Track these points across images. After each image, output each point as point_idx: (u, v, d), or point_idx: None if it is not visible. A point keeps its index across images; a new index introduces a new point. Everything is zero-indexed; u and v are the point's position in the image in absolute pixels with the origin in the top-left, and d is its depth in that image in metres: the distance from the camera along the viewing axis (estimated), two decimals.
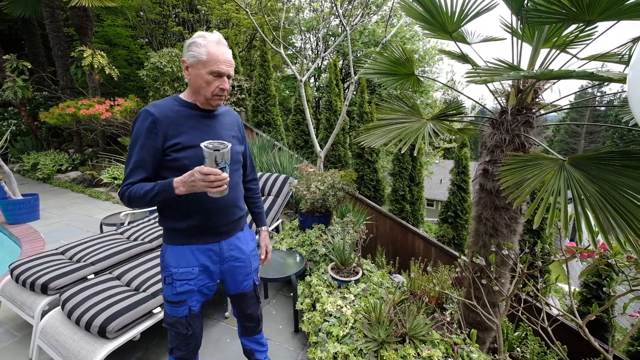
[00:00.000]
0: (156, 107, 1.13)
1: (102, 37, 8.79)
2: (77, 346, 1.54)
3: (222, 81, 1.14)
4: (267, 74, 6.52)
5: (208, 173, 0.99)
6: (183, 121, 1.15)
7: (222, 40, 1.15)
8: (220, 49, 1.12)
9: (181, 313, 1.21)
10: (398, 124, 2.16)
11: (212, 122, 1.21)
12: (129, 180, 1.10)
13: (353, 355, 1.50)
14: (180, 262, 1.19)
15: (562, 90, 1.76)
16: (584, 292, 4.04)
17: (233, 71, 1.17)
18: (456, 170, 6.45)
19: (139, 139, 1.10)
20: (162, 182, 1.07)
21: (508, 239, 1.91)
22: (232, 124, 1.31)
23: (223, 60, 1.12)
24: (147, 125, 1.10)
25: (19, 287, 2.02)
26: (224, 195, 1.08)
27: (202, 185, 1.01)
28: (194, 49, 1.10)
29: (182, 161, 1.12)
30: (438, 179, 20.75)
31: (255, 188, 1.50)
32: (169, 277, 1.19)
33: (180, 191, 1.04)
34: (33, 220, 4.08)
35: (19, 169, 6.84)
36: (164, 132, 1.11)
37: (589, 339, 1.48)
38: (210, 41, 1.11)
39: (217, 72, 1.11)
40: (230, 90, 1.26)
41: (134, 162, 1.10)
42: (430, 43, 12.56)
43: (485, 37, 2.18)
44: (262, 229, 1.51)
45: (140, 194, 1.07)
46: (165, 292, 1.22)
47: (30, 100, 7.44)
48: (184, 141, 1.12)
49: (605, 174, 1.26)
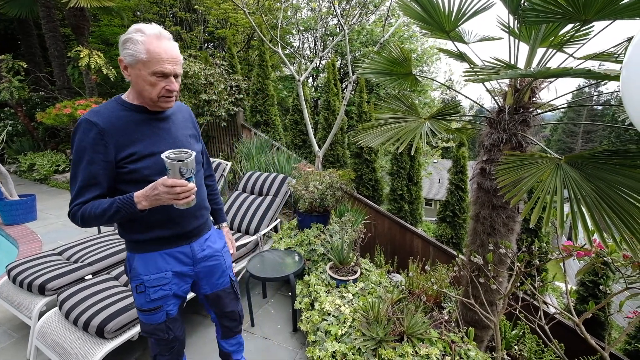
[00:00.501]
0: (99, 114, 1.00)
1: (99, 37, 8.75)
2: (75, 346, 1.54)
3: (168, 82, 1.01)
4: (265, 73, 6.51)
5: (173, 185, 0.92)
6: (134, 128, 1.03)
7: (164, 34, 1.00)
8: (162, 45, 0.97)
9: (158, 319, 1.15)
10: (396, 124, 2.16)
11: (166, 125, 1.11)
12: (79, 200, 0.98)
13: (351, 354, 1.50)
14: (150, 268, 1.12)
15: (559, 90, 1.76)
16: (580, 291, 4.06)
17: (181, 68, 1.04)
18: (454, 169, 6.47)
19: (85, 153, 0.97)
20: (120, 198, 0.97)
21: (506, 238, 1.92)
22: (186, 120, 1.21)
23: (167, 59, 0.98)
24: (92, 138, 0.97)
25: (16, 288, 2.01)
26: (192, 205, 1.01)
27: (167, 199, 0.94)
28: (131, 46, 0.96)
29: (141, 172, 1.02)
30: (436, 178, 20.80)
31: (212, 184, 1.44)
32: (141, 286, 1.12)
33: (143, 206, 0.96)
34: (30, 221, 4.06)
35: (15, 170, 6.80)
36: (114, 143, 0.99)
37: (585, 337, 1.49)
38: (149, 36, 0.97)
39: (160, 73, 0.98)
40: (180, 89, 1.11)
41: (82, 179, 0.98)
42: (429, 42, 12.59)
43: (483, 37, 2.19)
44: (222, 225, 1.50)
45: (97, 213, 0.97)
46: (137, 302, 1.14)
47: (26, 100, 7.40)
48: (140, 150, 1.02)
49: (601, 172, 1.26)
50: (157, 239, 1.12)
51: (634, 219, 1.10)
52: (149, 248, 1.13)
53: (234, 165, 4.69)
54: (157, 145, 1.06)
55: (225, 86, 5.69)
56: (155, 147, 1.05)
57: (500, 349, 1.58)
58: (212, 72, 5.49)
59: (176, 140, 1.12)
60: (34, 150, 7.12)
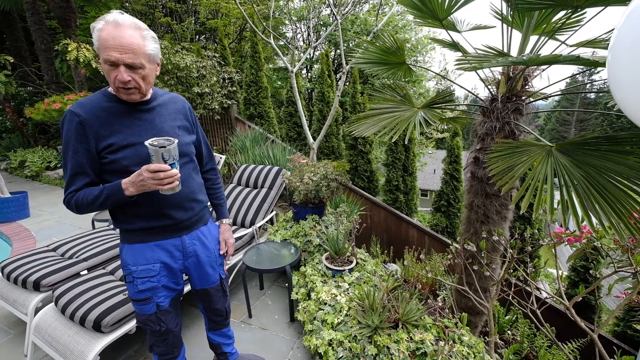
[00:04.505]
0: (82, 106, 1.02)
1: (86, 30, 8.52)
2: (72, 341, 1.54)
3: (118, 71, 0.97)
4: (258, 65, 6.43)
5: (156, 170, 0.95)
6: (114, 119, 1.04)
7: (125, 21, 0.96)
8: (113, 32, 0.94)
9: (149, 310, 1.18)
10: (389, 113, 2.16)
11: (148, 116, 1.10)
12: (72, 188, 1.03)
13: (347, 342, 1.53)
14: (138, 259, 1.14)
15: (552, 78, 1.77)
16: (572, 276, 4.15)
17: (140, 58, 0.98)
18: (448, 159, 6.50)
19: (70, 143, 1.01)
20: (109, 186, 1.01)
21: (499, 226, 1.95)
22: (177, 112, 1.20)
23: (113, 45, 0.93)
24: (74, 128, 1.00)
25: (10, 285, 2.00)
26: (177, 191, 1.05)
27: (152, 184, 0.97)
28: (92, 34, 0.96)
29: (120, 162, 1.03)
30: (431, 169, 20.92)
31: (214, 178, 1.40)
32: (129, 276, 1.15)
33: (131, 192, 0.99)
34: (23, 218, 4.01)
35: (6, 167, 6.69)
36: (94, 134, 1.01)
37: (575, 320, 1.53)
38: (107, 23, 0.95)
39: (107, 61, 0.95)
40: (137, 82, 1.01)
41: (70, 168, 1.03)
42: (423, 32, 12.49)
43: (475, 25, 2.18)
44: (222, 222, 1.42)
45: (89, 200, 1.01)
46: (129, 292, 1.19)
47: (14, 96, 7.23)
48: (118, 141, 1.03)
49: (590, 158, 1.28)
50: (146, 230, 1.14)
51: (621, 204, 1.12)
52: (138, 239, 1.15)
53: (228, 159, 4.66)
54: (137, 136, 1.06)
55: (217, 79, 5.61)
56: (134, 138, 1.06)
57: (493, 333, 1.62)
58: (205, 65, 5.40)
59: (160, 131, 1.11)
60: (24, 146, 6.99)
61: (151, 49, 1.02)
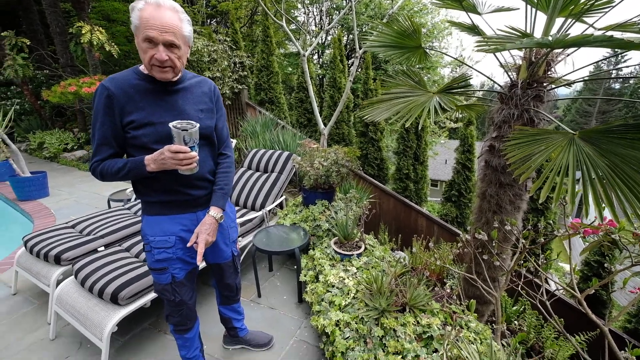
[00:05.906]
0: (113, 81, 1.06)
1: (99, 12, 8.53)
2: (91, 312, 1.62)
3: (156, 50, 1.00)
4: (269, 50, 6.34)
5: (177, 151, 1.01)
6: (140, 97, 1.07)
7: (166, 4, 1.00)
8: (156, 13, 0.98)
9: (164, 280, 1.24)
10: (403, 98, 2.11)
11: (172, 98, 1.13)
12: (97, 157, 1.09)
13: (354, 323, 1.55)
14: (155, 230, 1.20)
15: (576, 65, 1.68)
16: (584, 270, 4.08)
17: (178, 38, 1.02)
18: (461, 148, 6.36)
19: (99, 115, 1.06)
20: (133, 160, 1.07)
21: (512, 216, 1.91)
22: (203, 95, 1.21)
23: (154, 25, 0.97)
24: (103, 101, 1.05)
25: (33, 258, 2.10)
26: (195, 172, 1.11)
27: (172, 163, 1.03)
28: (132, 14, 1.00)
29: (141, 139, 1.08)
30: (443, 159, 20.56)
31: (223, 162, 1.33)
32: (148, 245, 1.21)
33: (152, 168, 1.06)
34: (43, 197, 4.17)
35: (25, 148, 6.91)
36: (120, 109, 1.06)
37: (586, 312, 1.51)
38: (148, 4, 0.98)
39: (147, 38, 0.98)
40: (173, 62, 1.05)
41: (97, 139, 1.08)
42: (440, 16, 12.03)
43: (498, 7, 2.08)
44: (209, 210, 1.23)
45: (113, 171, 1.08)
46: (147, 260, 1.25)
47: (32, 79, 7.37)
48: (139, 119, 1.07)
49: (616, 147, 1.23)
50: (164, 202, 1.20)
51: None
52: (156, 211, 1.21)
53: (239, 144, 4.68)
54: (157, 115, 1.09)
55: (229, 63, 5.56)
56: (154, 117, 1.09)
57: (500, 322, 1.62)
58: (216, 49, 5.36)
59: (182, 113, 1.13)
60: (42, 128, 7.18)
61: (187, 32, 1.07)
